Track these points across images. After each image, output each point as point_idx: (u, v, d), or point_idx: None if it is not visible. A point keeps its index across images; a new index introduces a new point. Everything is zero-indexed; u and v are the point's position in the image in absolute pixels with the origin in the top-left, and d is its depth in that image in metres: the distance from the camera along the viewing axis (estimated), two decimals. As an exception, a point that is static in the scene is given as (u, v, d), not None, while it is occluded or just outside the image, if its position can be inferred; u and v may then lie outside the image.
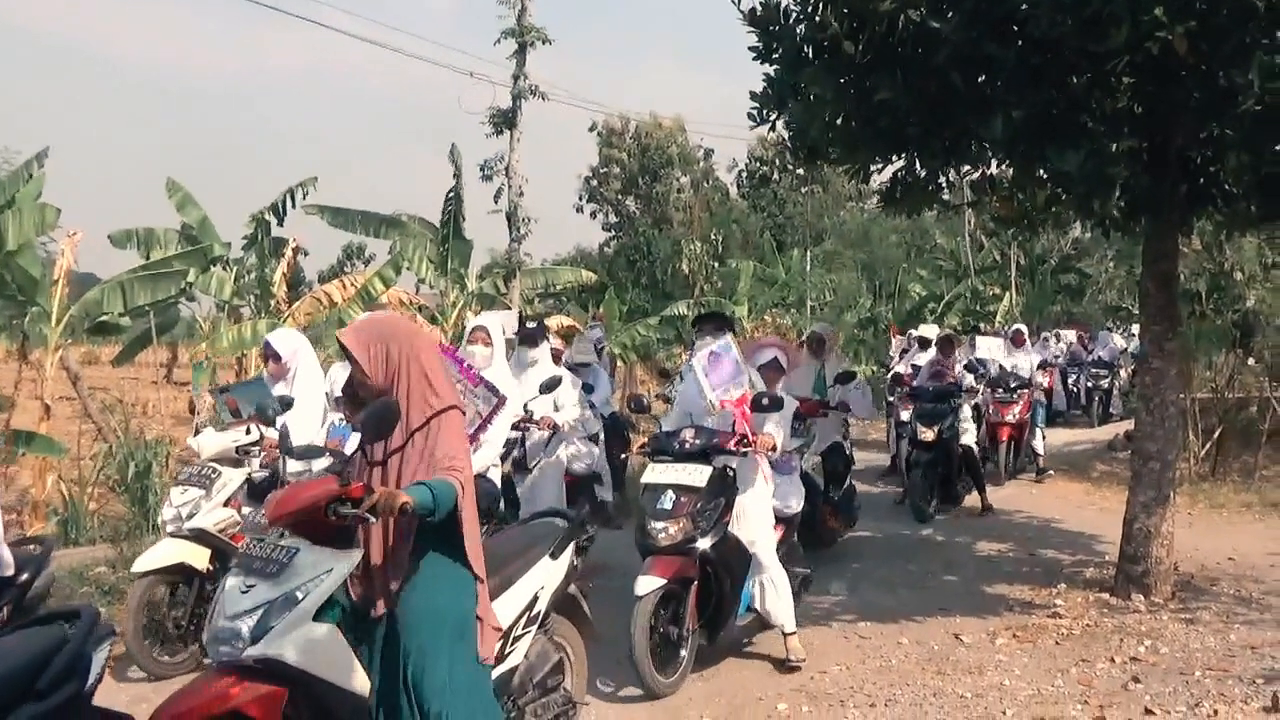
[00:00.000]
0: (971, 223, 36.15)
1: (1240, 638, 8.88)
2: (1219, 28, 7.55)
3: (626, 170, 56.49)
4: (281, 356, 9.16)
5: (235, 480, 8.50)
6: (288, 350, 9.21)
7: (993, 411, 17.09)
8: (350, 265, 64.74)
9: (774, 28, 9.28)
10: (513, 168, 21.29)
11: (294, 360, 9.20)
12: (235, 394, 8.97)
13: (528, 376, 10.75)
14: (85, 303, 17.06)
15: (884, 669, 8.35)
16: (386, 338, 5.08)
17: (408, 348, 5.08)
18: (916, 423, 14.42)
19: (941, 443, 14.18)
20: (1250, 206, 9.74)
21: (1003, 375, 17.37)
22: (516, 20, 20.61)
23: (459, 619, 5.03)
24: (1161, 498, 9.98)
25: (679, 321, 27.34)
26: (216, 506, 8.33)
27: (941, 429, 14.15)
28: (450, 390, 5.18)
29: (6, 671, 4.00)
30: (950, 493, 14.77)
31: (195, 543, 8.23)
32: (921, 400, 14.73)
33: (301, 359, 9.25)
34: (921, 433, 14.14)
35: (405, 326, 5.31)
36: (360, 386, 5.15)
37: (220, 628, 4.80)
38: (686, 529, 7.73)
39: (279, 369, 9.18)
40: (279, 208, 20.75)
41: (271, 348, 9.25)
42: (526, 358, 11.01)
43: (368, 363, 5.05)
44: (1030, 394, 17.50)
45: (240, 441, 8.54)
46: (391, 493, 4.72)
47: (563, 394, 10.65)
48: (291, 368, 9.17)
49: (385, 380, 5.05)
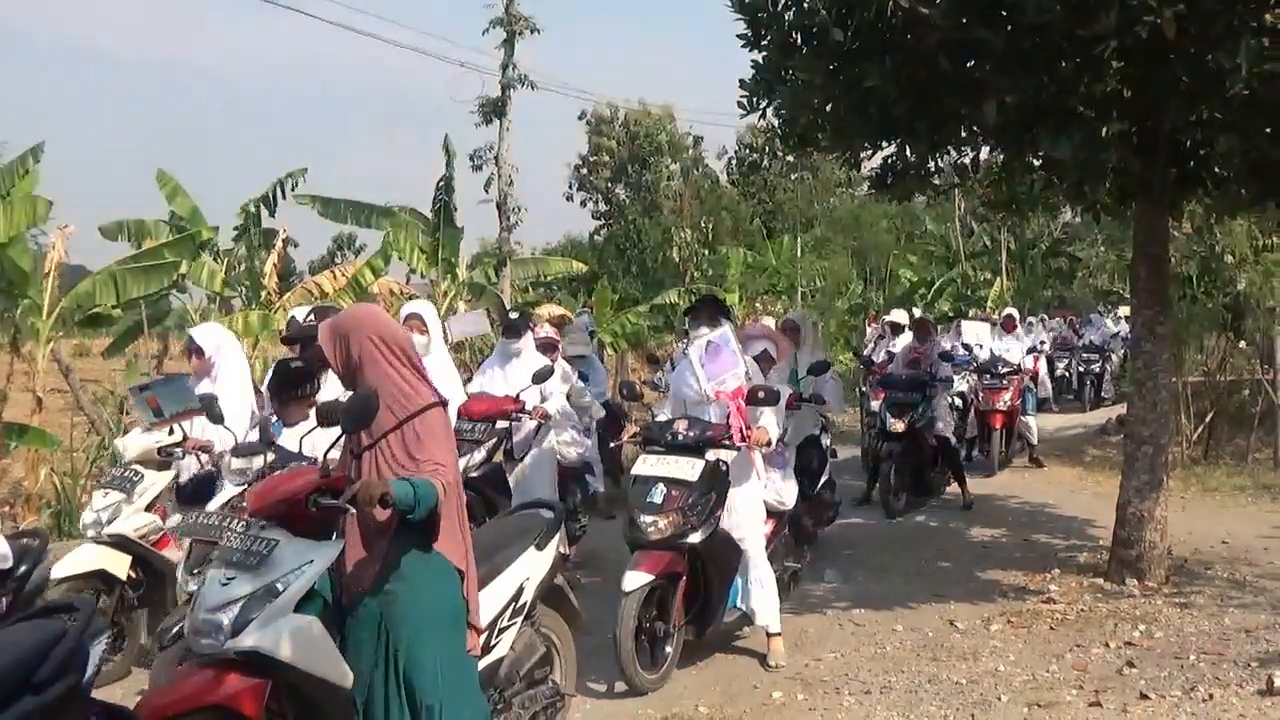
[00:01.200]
0: (961, 208, 36.11)
1: (1235, 621, 8.88)
2: (1207, 11, 7.54)
3: (616, 158, 56.42)
4: (204, 352, 8.80)
5: (159, 484, 8.24)
6: (211, 345, 8.85)
7: (983, 399, 16.69)
8: (341, 255, 64.71)
9: (762, 15, 9.25)
10: (502, 157, 21.28)
11: (217, 356, 8.81)
12: (156, 392, 8.32)
13: (513, 368, 10.71)
14: (77, 295, 17.03)
15: (879, 656, 8.35)
16: (347, 331, 5.09)
17: (367, 342, 5.06)
18: (886, 413, 13.90)
19: (913, 434, 13.67)
20: (1240, 189, 9.76)
21: (992, 361, 16.97)
22: (505, 9, 20.58)
23: (447, 612, 5.03)
24: (1154, 482, 9.98)
25: (670, 309, 27.29)
26: (138, 511, 8.03)
27: (913, 419, 13.63)
28: (425, 387, 5.14)
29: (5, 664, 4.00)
30: (922, 486, 14.25)
31: (116, 549, 7.95)
32: (892, 389, 14.25)
33: (225, 354, 8.88)
34: (891, 424, 13.64)
35: (369, 320, 5.24)
36: (344, 381, 5.21)
37: (201, 620, 4.80)
38: (676, 523, 7.64)
39: (202, 365, 8.80)
40: (269, 198, 20.71)
41: (194, 342, 8.89)
42: (510, 349, 10.93)
43: (333, 358, 5.10)
44: (1020, 380, 16.98)
45: (163, 442, 8.25)
46: (371, 483, 4.72)
47: (551, 383, 10.54)
48: (215, 364, 8.78)
49: (348, 374, 5.09)
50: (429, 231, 21.86)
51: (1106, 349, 26.28)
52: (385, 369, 5.03)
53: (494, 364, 11.12)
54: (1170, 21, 7.35)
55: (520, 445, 10.50)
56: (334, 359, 5.09)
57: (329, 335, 5.11)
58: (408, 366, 5.12)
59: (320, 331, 5.17)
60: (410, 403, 5.02)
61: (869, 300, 36.02)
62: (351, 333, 5.07)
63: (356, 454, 5.07)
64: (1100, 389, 26.06)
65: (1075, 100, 8.37)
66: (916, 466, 14.02)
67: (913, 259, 39.31)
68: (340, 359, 5.08)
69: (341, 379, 5.18)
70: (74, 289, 17.22)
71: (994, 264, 35.08)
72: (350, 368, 5.06)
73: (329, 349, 5.09)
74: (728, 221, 42.97)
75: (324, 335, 5.13)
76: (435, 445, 4.98)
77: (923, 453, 14.05)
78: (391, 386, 5.00)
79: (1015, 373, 16.88)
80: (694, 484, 7.75)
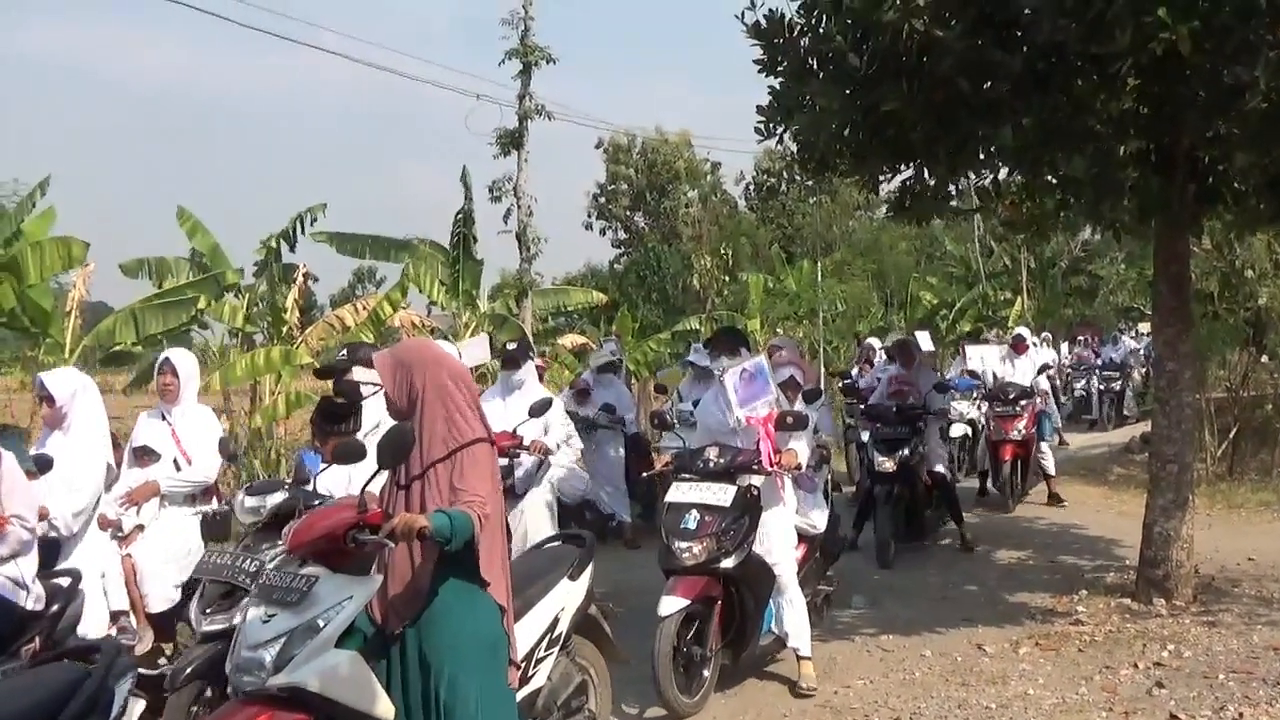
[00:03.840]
0: (981, 228, 36.12)
1: (1263, 639, 8.84)
2: (1222, 26, 7.53)
3: (634, 186, 56.58)
4: (56, 400, 7.70)
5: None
6: (64, 392, 7.71)
7: (994, 428, 15.38)
8: (362, 288, 64.83)
9: (778, 41, 9.30)
10: (521, 188, 21.29)
11: (70, 404, 7.72)
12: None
13: (513, 401, 10.35)
14: (98, 333, 17.14)
15: (907, 682, 8.31)
16: (411, 365, 5.12)
17: (431, 377, 5.10)
18: (874, 450, 12.61)
19: (905, 472, 12.42)
20: (1260, 205, 9.75)
21: (1000, 386, 15.65)
22: (520, 40, 20.62)
23: (487, 644, 5.05)
24: (1180, 500, 9.95)
25: (691, 337, 27.28)
26: None
27: (904, 456, 12.38)
28: (478, 423, 5.15)
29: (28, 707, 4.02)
30: (916, 527, 12.97)
31: None
32: (880, 423, 12.90)
33: (79, 403, 7.77)
34: (880, 463, 12.39)
35: (432, 354, 5.31)
36: (392, 411, 5.20)
37: (243, 657, 4.85)
38: (711, 548, 7.68)
39: (53, 415, 7.75)
40: (289, 234, 20.75)
41: (44, 389, 7.75)
42: (511, 381, 10.62)
43: (392, 388, 5.11)
44: (1033, 405, 15.55)
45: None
46: (409, 517, 4.74)
47: (552, 415, 10.22)
48: (67, 413, 7.72)
49: (408, 407, 5.09)
50: (449, 264, 21.91)
51: (1127, 366, 25.90)
52: (446, 401, 5.07)
53: (494, 396, 10.67)
54: (1186, 37, 7.34)
55: (522, 483, 10.08)
56: (393, 389, 5.11)
57: (390, 366, 5.14)
58: (466, 401, 5.15)
59: (379, 362, 5.20)
60: (462, 435, 5.04)
61: (890, 323, 36.01)
62: (415, 365, 5.12)
63: (404, 485, 5.08)
64: (1121, 407, 25.61)
65: (1092, 119, 8.37)
66: (910, 508, 12.80)
67: (933, 281, 39.39)
68: (402, 389, 5.10)
69: (394, 409, 5.18)
70: (96, 327, 17.33)
71: (1014, 283, 35.10)
72: (411, 399, 5.08)
73: (389, 379, 5.11)
74: (747, 247, 43.06)
75: (384, 366, 5.16)
76: (478, 478, 4.99)
77: (915, 491, 12.81)
78: (446, 419, 5.04)
79: (1029, 397, 15.52)
80: (727, 509, 7.79)
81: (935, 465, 13.10)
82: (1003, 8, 8.16)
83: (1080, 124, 8.43)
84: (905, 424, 12.72)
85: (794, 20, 9.24)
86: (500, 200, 21.59)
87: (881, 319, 36.87)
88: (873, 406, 13.31)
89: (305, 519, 5.30)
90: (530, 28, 20.67)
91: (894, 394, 13.14)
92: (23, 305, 15.76)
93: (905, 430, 12.66)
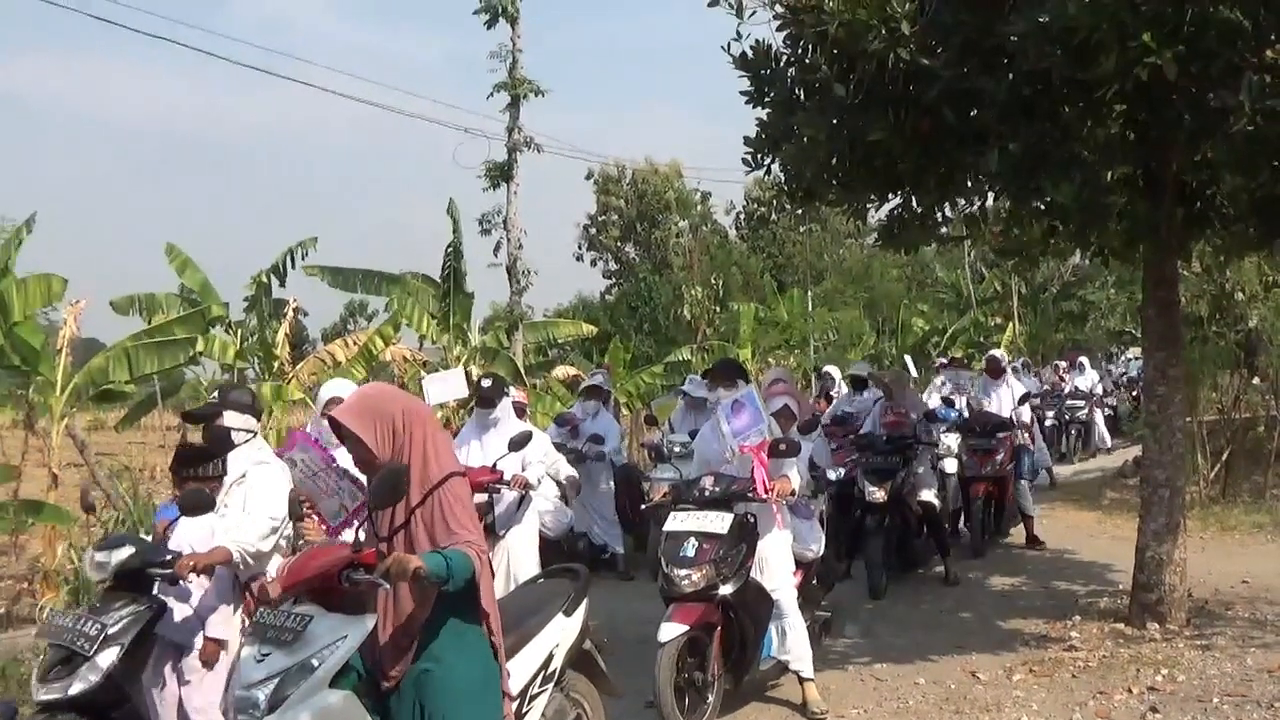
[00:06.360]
0: (971, 254, 36.23)
1: (1257, 661, 8.87)
2: (1207, 50, 7.57)
3: (625, 217, 56.78)
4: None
5: None
6: None
7: (968, 462, 14.13)
8: (354, 322, 64.80)
9: (765, 71, 9.34)
10: (511, 220, 21.29)
11: None
12: None
13: (489, 439, 10.05)
14: (90, 370, 17.09)
15: (901, 710, 8.32)
16: (389, 412, 4.99)
17: (411, 417, 5.02)
18: (864, 481, 12.26)
19: (895, 502, 12.22)
20: (1249, 228, 9.78)
21: (975, 417, 14.81)
22: (508, 74, 20.65)
23: (482, 681, 5.03)
24: (1172, 524, 9.95)
25: (683, 368, 27.27)
26: None
27: (894, 485, 12.14)
28: (449, 457, 5.12)
29: None
30: (907, 556, 12.85)
31: None
32: (871, 451, 12.59)
33: None
34: (871, 493, 12.07)
35: (402, 397, 5.26)
36: (364, 465, 5.05)
37: (237, 696, 4.86)
38: (709, 575, 7.73)
39: None
40: (279, 268, 20.73)
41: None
42: (487, 419, 10.31)
43: (375, 441, 4.94)
44: (1011, 438, 14.45)
45: None
46: (403, 558, 4.70)
47: (531, 450, 9.83)
48: None
49: (394, 455, 4.95)
50: (439, 297, 21.89)
51: (1092, 394, 24.55)
52: (425, 444, 4.98)
53: (470, 436, 10.38)
54: (1171, 62, 7.37)
55: (503, 519, 9.89)
56: (375, 441, 4.92)
57: (369, 417, 4.97)
58: (440, 439, 5.12)
59: (350, 415, 5.00)
60: (440, 472, 4.98)
61: (882, 351, 36.06)
62: (393, 413, 4.98)
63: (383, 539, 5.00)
64: (1089, 438, 24.44)
65: (1079, 145, 8.41)
66: (900, 538, 12.66)
67: (924, 308, 39.47)
68: (385, 440, 4.94)
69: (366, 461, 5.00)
70: (87, 365, 17.27)
71: (1006, 309, 35.15)
72: (397, 447, 4.94)
73: (368, 431, 4.92)
74: (738, 277, 43.16)
75: (360, 419, 4.97)
76: (466, 515, 4.96)
77: (906, 522, 12.72)
78: (424, 461, 4.96)
79: (1007, 429, 14.47)
80: (724, 536, 7.86)
81: (923, 494, 12.80)
82: (988, 35, 8.18)
83: (1067, 150, 8.46)
84: (896, 452, 12.52)
85: (780, 51, 9.29)
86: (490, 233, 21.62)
87: (873, 346, 36.92)
88: (863, 436, 13.07)
89: (300, 557, 5.22)
90: (518, 60, 20.73)
91: (889, 424, 12.84)
92: (11, 343, 15.74)
93: (896, 460, 12.46)
